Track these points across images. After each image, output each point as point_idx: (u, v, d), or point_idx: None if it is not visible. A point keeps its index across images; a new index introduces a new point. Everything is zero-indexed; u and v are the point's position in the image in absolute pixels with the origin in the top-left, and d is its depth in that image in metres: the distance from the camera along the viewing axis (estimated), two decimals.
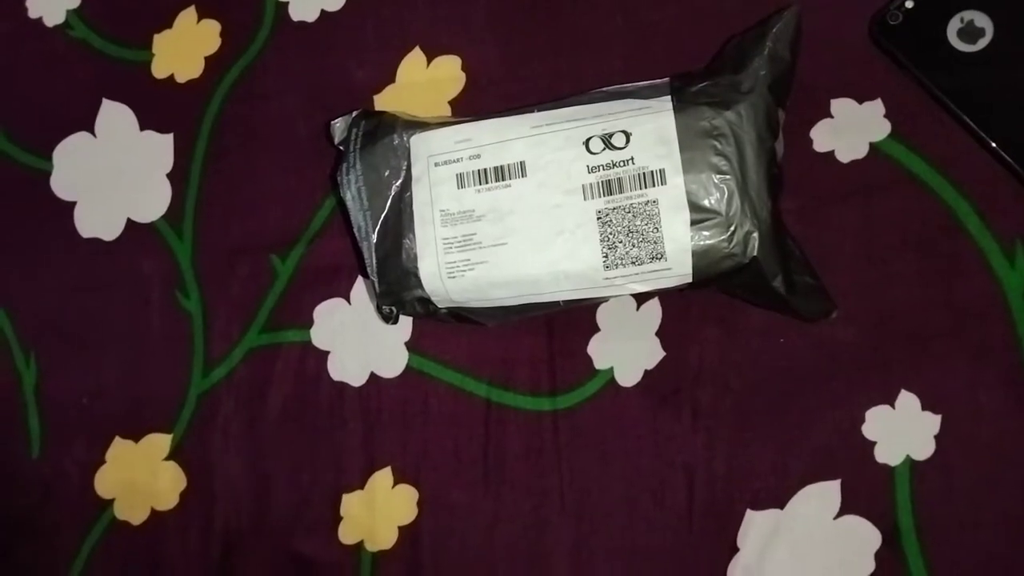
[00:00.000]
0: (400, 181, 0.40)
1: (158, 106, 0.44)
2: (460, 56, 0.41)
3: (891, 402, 0.36)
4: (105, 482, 0.42)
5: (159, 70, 0.44)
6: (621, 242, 0.37)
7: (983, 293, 0.36)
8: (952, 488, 0.35)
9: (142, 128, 0.44)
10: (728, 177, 0.36)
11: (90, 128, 0.44)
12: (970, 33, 0.37)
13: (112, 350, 0.43)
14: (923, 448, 0.35)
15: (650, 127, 0.37)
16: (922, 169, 0.37)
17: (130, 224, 0.43)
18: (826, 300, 0.38)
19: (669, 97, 0.38)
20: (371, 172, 0.40)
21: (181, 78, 0.44)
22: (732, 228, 0.36)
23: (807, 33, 0.36)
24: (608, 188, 0.37)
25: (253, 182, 0.43)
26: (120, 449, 0.42)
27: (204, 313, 0.42)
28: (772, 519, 0.36)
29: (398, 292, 0.40)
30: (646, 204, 0.37)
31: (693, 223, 0.37)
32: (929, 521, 0.35)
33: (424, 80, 0.41)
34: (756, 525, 0.36)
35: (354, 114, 0.40)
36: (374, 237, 0.40)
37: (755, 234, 0.36)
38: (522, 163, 0.38)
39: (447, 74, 0.41)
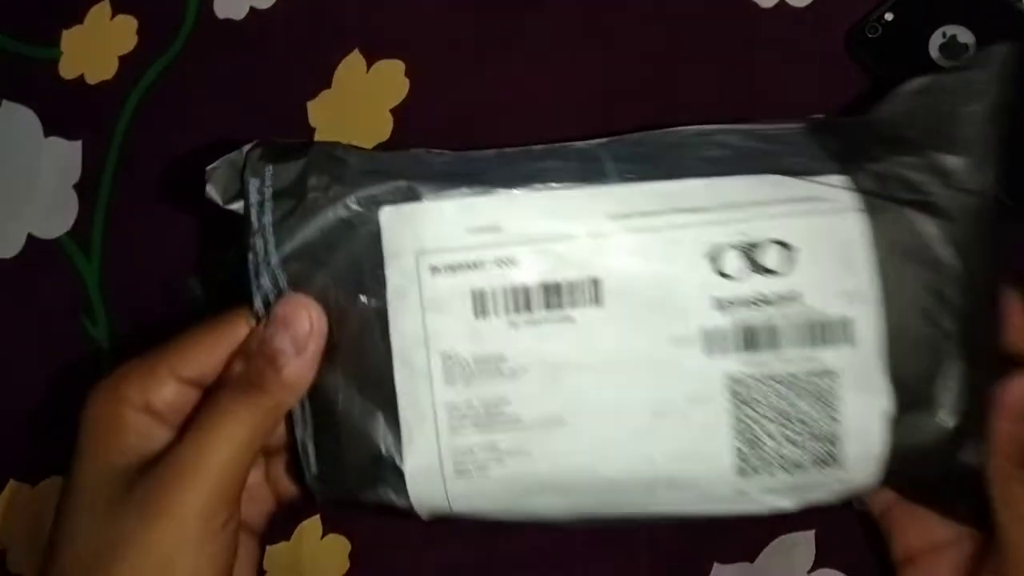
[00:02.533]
0: (363, 292, 0.26)
1: (66, 110, 0.40)
2: (404, 60, 0.38)
3: None
4: None
5: (67, 70, 0.41)
6: (770, 435, 0.25)
7: None
8: None
9: (47, 134, 0.40)
10: (950, 337, 0.24)
11: None
12: (953, 48, 0.34)
13: (6, 383, 0.39)
14: None
15: (824, 239, 0.25)
16: None
17: (31, 240, 0.40)
18: None
19: (846, 180, 0.25)
20: (303, 268, 0.26)
21: (92, 79, 0.40)
22: (959, 425, 0.24)
23: (781, 45, 0.34)
24: (752, 340, 0.25)
25: (171, 195, 0.39)
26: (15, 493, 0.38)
27: (112, 342, 0.38)
28: (741, 574, 0.33)
29: (351, 487, 0.27)
30: (819, 376, 0.25)
31: (895, 411, 0.25)
32: None
33: (363, 86, 0.38)
34: None
35: (251, 150, 0.27)
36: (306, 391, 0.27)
37: (979, 437, 0.25)
38: (596, 281, 0.25)
39: (389, 79, 0.38)
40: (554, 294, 0.26)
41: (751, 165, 0.26)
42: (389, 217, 0.26)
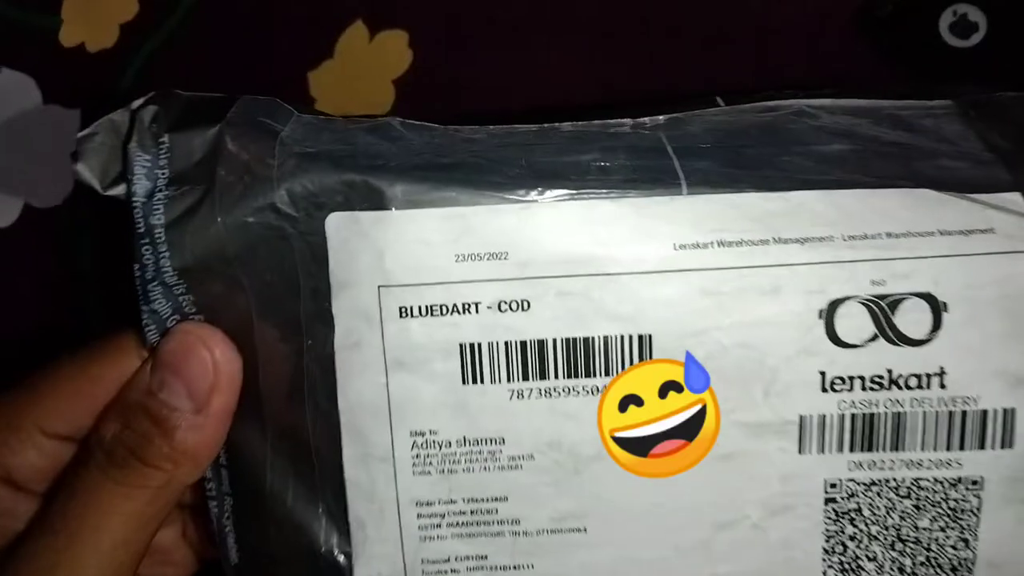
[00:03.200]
0: (299, 332, 0.19)
1: (65, 78, 0.39)
2: (407, 31, 0.37)
3: None
4: None
5: (68, 38, 0.39)
6: (874, 559, 0.19)
7: None
8: None
9: (46, 102, 0.39)
10: None
11: None
12: (963, 27, 0.34)
13: None
14: None
15: (992, 292, 0.18)
16: None
17: (27, 210, 0.39)
18: None
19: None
20: (212, 290, 0.19)
21: (92, 47, 0.39)
22: None
23: (787, 24, 0.33)
24: (868, 435, 0.19)
25: None
26: None
27: (107, 314, 0.38)
28: None
29: None
30: (953, 485, 0.18)
31: None
32: None
33: (366, 56, 0.37)
34: None
35: (140, 107, 0.19)
36: (223, 458, 0.20)
37: None
38: (645, 338, 0.18)
39: (392, 50, 0.37)
40: (580, 354, 0.19)
41: (889, 169, 0.19)
42: (338, 229, 0.19)
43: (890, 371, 0.19)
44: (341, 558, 0.20)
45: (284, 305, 0.20)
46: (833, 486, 0.19)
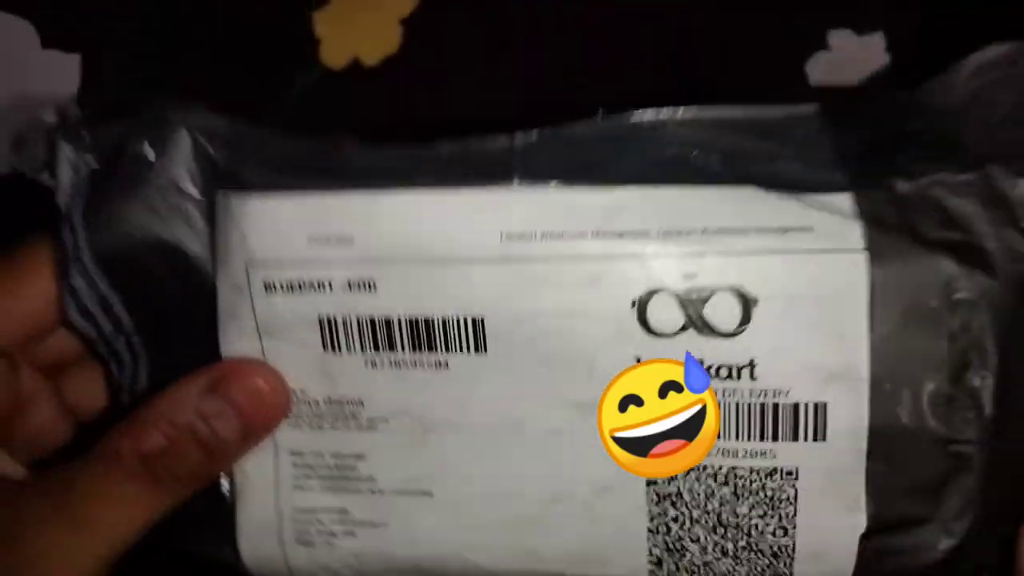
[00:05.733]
0: (189, 302, 0.21)
1: (64, 21, 0.39)
2: None
3: None
4: None
5: None
6: (697, 541, 0.20)
7: None
8: None
9: (44, 46, 0.39)
10: (967, 439, 0.19)
11: None
12: None
13: None
14: None
15: (804, 288, 0.18)
16: None
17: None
18: None
19: (851, 203, 0.19)
20: (126, 273, 0.21)
21: None
22: (951, 551, 0.19)
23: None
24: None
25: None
26: None
27: None
28: None
29: (177, 539, 0.23)
30: (769, 475, 0.19)
31: (870, 531, 0.19)
32: None
33: None
34: None
35: (65, 107, 0.22)
36: (140, 393, 0.22)
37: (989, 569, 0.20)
38: (478, 321, 0.20)
39: None
40: (422, 332, 0.20)
41: (723, 169, 0.20)
42: (221, 209, 0.20)
43: (701, 361, 0.19)
44: (228, 496, 0.22)
45: (176, 284, 0.22)
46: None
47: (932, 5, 0.33)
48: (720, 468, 0.20)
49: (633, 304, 0.19)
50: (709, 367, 0.19)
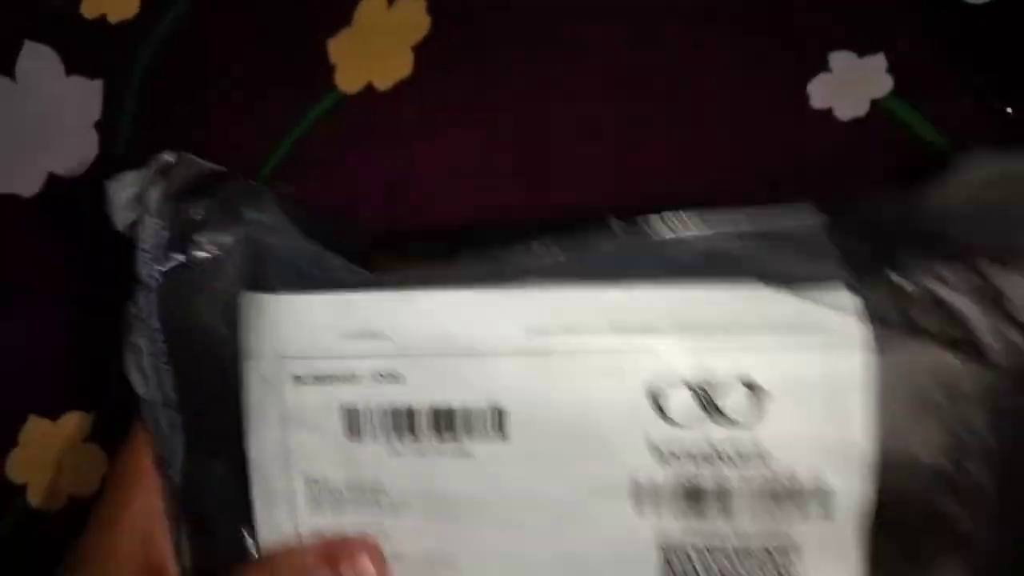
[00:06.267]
0: (225, 379, 0.22)
1: (87, 49, 0.40)
2: None
3: None
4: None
5: (89, 9, 0.40)
6: None
7: None
8: None
9: (68, 73, 0.40)
10: (966, 527, 0.19)
11: (10, 72, 0.40)
12: None
13: (26, 319, 0.39)
14: None
15: (810, 380, 0.20)
16: (926, 129, 0.34)
17: (51, 179, 0.40)
18: None
19: (849, 296, 0.20)
20: (179, 336, 0.22)
21: (114, 18, 0.40)
22: None
23: None
24: (697, 503, 0.20)
25: (191, 135, 0.39)
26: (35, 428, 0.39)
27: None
28: None
29: None
30: (779, 551, 0.20)
31: None
32: None
33: (384, 23, 0.37)
34: None
35: (151, 172, 0.23)
36: (177, 471, 0.23)
37: None
38: (500, 410, 0.21)
39: (410, 17, 0.37)
40: (446, 421, 0.21)
41: (728, 270, 0.21)
42: (250, 304, 0.22)
43: (716, 448, 0.20)
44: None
45: (217, 372, 0.23)
46: (668, 545, 0.21)
47: (934, 26, 0.34)
48: (731, 548, 0.21)
49: (652, 396, 0.20)
50: (723, 455, 0.20)
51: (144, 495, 0.25)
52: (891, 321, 0.20)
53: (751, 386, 0.20)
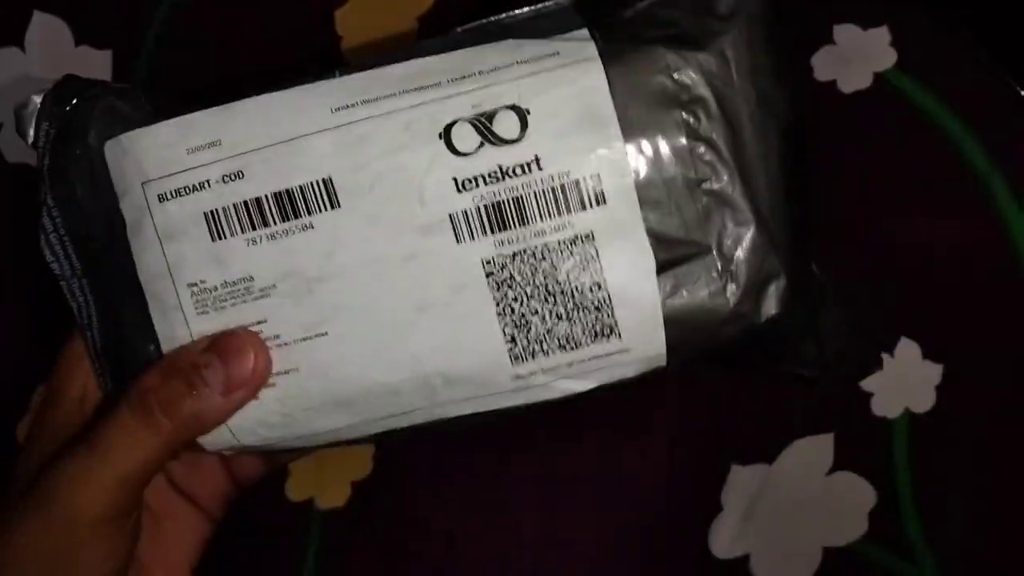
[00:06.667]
0: (112, 229, 0.25)
1: (96, 19, 0.40)
2: None
3: (890, 350, 0.33)
4: None
5: None
6: (536, 313, 0.24)
7: (989, 236, 0.33)
8: (954, 444, 0.33)
9: (78, 43, 0.40)
10: (716, 176, 0.24)
11: (19, 42, 0.40)
12: None
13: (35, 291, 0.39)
14: (923, 400, 0.33)
15: (561, 94, 0.23)
16: (929, 102, 0.34)
17: None
18: (867, 348, 0.29)
19: (586, 32, 0.24)
20: (70, 209, 0.25)
21: None
22: (732, 271, 0.24)
23: None
24: (500, 218, 0.24)
25: (200, 106, 0.38)
26: None
27: None
28: (759, 475, 0.33)
29: None
30: (572, 242, 0.23)
31: (662, 268, 0.24)
32: (928, 480, 0.33)
33: None
34: (742, 482, 0.34)
35: (42, 96, 0.26)
36: (95, 331, 0.26)
37: (775, 279, 0.24)
38: (327, 180, 0.24)
39: None
40: (287, 202, 0.24)
41: (487, 35, 0.25)
42: (111, 151, 0.25)
43: (500, 166, 0.24)
44: None
45: (102, 217, 0.26)
46: (488, 262, 0.24)
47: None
48: (535, 247, 0.24)
49: (440, 136, 0.24)
50: (507, 170, 0.24)
51: (82, 375, 0.28)
52: (618, 39, 0.24)
53: (516, 109, 0.24)
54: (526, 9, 0.26)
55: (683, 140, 0.24)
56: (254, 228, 0.24)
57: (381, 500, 0.36)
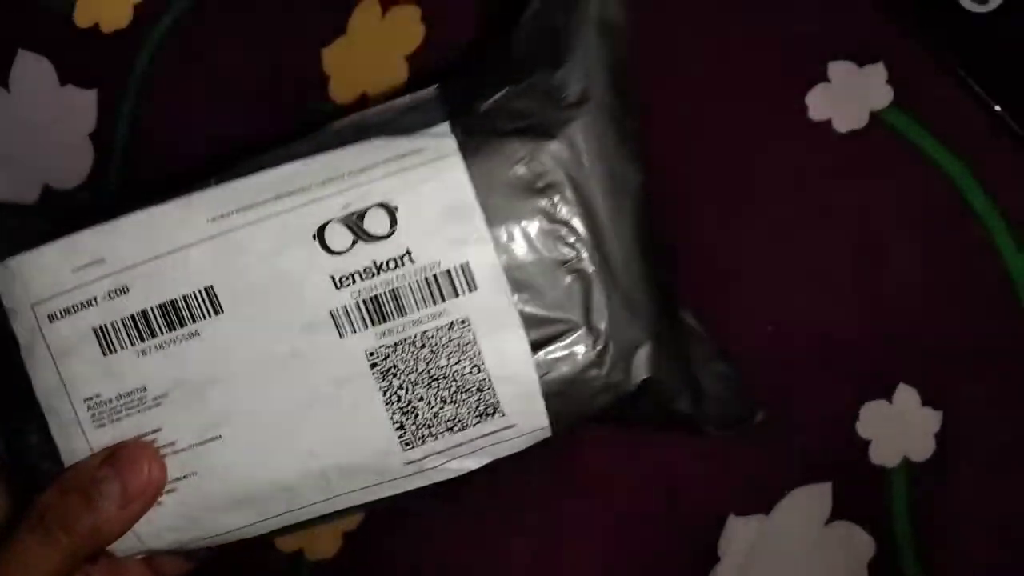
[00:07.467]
0: (6, 348, 0.26)
1: (81, 59, 0.40)
2: (419, 6, 0.37)
3: (888, 397, 0.33)
4: None
5: (82, 19, 0.40)
6: (422, 399, 0.25)
7: (988, 279, 0.32)
8: (953, 492, 0.32)
9: (63, 83, 0.40)
10: (577, 256, 0.25)
11: (3, 82, 0.41)
12: None
13: None
14: (922, 448, 0.32)
15: (426, 190, 0.24)
16: (926, 141, 0.33)
17: (46, 191, 0.40)
18: (746, 401, 0.29)
19: (447, 126, 0.25)
20: None
21: (107, 28, 0.40)
22: (601, 343, 0.25)
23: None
24: (379, 310, 0.24)
25: (186, 145, 0.38)
26: None
27: None
28: (756, 525, 0.33)
29: None
30: (449, 328, 0.24)
31: (537, 346, 0.25)
32: (928, 528, 0.32)
33: (378, 32, 0.37)
34: (739, 532, 0.33)
35: None
36: (1, 447, 0.27)
37: (641, 345, 0.25)
38: (208, 289, 0.25)
39: (404, 26, 0.37)
40: (172, 313, 0.25)
41: (352, 135, 0.25)
42: (4, 276, 0.25)
43: (374, 262, 0.25)
44: None
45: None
46: (372, 353, 0.25)
47: (933, 35, 0.33)
48: (415, 336, 0.25)
49: (314, 237, 0.25)
50: (381, 265, 0.25)
51: None
52: (476, 132, 0.25)
53: (385, 207, 0.25)
54: (406, 98, 0.27)
55: (544, 224, 0.25)
56: (143, 340, 0.25)
57: (372, 551, 0.35)
